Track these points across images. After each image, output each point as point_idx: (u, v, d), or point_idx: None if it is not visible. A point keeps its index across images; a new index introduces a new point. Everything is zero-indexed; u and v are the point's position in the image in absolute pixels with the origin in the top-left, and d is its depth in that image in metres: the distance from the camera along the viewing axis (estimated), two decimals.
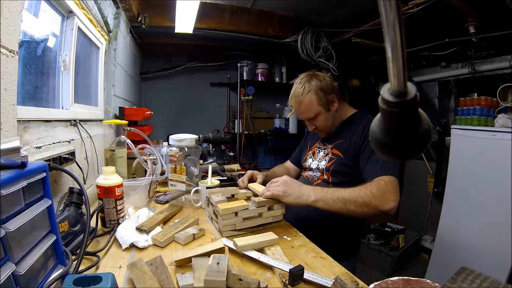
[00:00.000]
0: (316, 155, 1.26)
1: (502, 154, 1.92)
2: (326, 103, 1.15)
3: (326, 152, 1.22)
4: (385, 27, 0.25)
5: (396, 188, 0.95)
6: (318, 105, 1.15)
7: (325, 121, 1.18)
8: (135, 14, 1.98)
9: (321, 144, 1.28)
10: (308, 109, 1.16)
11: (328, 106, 1.16)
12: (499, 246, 1.88)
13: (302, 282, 0.61)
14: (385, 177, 0.96)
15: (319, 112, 1.16)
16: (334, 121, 1.21)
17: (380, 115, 0.34)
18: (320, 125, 1.20)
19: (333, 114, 1.19)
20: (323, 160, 1.21)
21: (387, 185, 0.94)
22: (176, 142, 1.24)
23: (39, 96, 1.01)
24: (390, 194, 0.93)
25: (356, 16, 2.27)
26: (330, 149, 1.20)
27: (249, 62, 3.02)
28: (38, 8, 0.95)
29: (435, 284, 0.45)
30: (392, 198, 0.92)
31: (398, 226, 2.88)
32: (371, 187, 0.94)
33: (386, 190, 0.93)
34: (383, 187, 0.93)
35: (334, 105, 1.18)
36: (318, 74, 1.19)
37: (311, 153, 1.30)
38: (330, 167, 1.16)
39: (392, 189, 0.94)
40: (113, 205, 0.86)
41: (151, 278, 0.57)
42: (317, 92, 1.14)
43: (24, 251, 0.45)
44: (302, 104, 1.16)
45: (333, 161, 1.17)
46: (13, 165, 0.43)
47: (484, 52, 2.26)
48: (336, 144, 1.19)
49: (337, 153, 1.16)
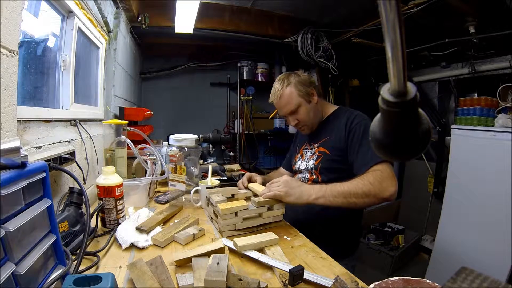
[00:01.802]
0: (304, 156, 1.27)
1: (502, 154, 1.92)
2: (306, 94, 1.17)
3: (313, 151, 1.22)
4: (385, 27, 0.25)
5: (391, 173, 0.96)
6: (298, 96, 1.16)
7: (307, 113, 1.19)
8: (135, 14, 1.98)
9: (307, 145, 1.28)
10: (289, 101, 1.17)
11: (308, 98, 1.18)
12: (499, 246, 1.88)
13: (302, 282, 0.61)
14: (379, 166, 0.97)
15: (300, 104, 1.17)
16: (316, 114, 1.21)
17: (380, 115, 0.34)
18: (302, 118, 1.19)
19: (314, 107, 1.20)
20: (311, 160, 1.21)
21: (382, 172, 0.96)
22: (176, 142, 1.24)
23: (39, 96, 1.01)
24: (387, 180, 0.94)
25: (356, 16, 2.27)
26: (317, 148, 1.21)
27: (249, 62, 3.02)
28: (38, 8, 0.95)
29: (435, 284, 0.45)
30: (391, 184, 0.94)
31: (398, 226, 2.87)
32: (368, 177, 0.96)
33: (382, 178, 0.94)
34: (379, 175, 0.95)
35: (314, 98, 1.19)
36: (295, 72, 1.23)
37: (299, 155, 1.31)
38: (318, 165, 1.17)
39: (388, 176, 0.95)
40: (113, 205, 0.86)
41: (151, 278, 0.57)
42: (296, 84, 1.17)
43: (24, 251, 0.45)
44: (282, 97, 1.18)
45: (320, 159, 1.17)
46: (13, 165, 0.43)
47: (484, 52, 2.26)
48: (322, 142, 1.19)
49: (324, 150, 1.17)
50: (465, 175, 2.19)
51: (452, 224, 2.24)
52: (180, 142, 1.23)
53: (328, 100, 3.05)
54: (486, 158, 2.05)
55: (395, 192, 0.94)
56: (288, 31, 2.59)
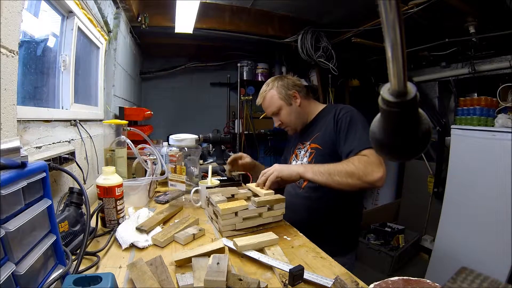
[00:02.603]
0: (299, 156, 1.29)
1: (502, 154, 1.92)
2: (286, 97, 1.24)
3: (306, 149, 1.24)
4: (385, 27, 0.25)
5: (378, 160, 0.96)
6: (278, 99, 1.24)
7: (288, 115, 1.25)
8: (135, 14, 1.98)
9: (300, 144, 1.30)
10: (271, 103, 1.26)
11: (289, 101, 1.24)
12: (499, 246, 1.88)
13: (302, 282, 0.61)
14: (366, 151, 0.99)
15: (281, 106, 1.25)
16: (299, 116, 1.27)
17: (380, 115, 0.34)
18: (284, 120, 1.27)
19: (296, 109, 1.25)
20: (305, 158, 1.23)
21: (369, 157, 0.97)
22: (176, 142, 1.24)
23: (39, 96, 1.01)
24: (373, 165, 0.94)
25: (356, 16, 2.27)
26: (309, 145, 1.23)
27: (249, 62, 3.02)
28: (38, 8, 0.95)
29: (435, 284, 0.45)
30: (377, 170, 0.94)
31: (398, 226, 2.87)
32: (353, 160, 0.99)
33: (368, 162, 0.95)
34: (365, 159, 0.96)
35: (297, 101, 1.25)
36: (283, 76, 1.31)
37: (294, 156, 1.32)
38: (311, 161, 1.18)
39: (374, 161, 0.95)
40: (113, 205, 0.86)
41: (151, 278, 0.57)
42: (278, 88, 1.25)
43: (24, 251, 0.45)
44: (265, 100, 1.28)
45: (313, 155, 1.19)
46: (13, 165, 0.43)
47: (484, 52, 2.26)
48: (313, 139, 1.22)
49: (316, 146, 1.19)
50: (465, 175, 2.19)
51: (452, 224, 2.24)
52: (180, 142, 1.24)
53: (328, 100, 3.05)
54: (486, 158, 2.05)
55: (381, 178, 0.94)
56: (288, 31, 2.59)
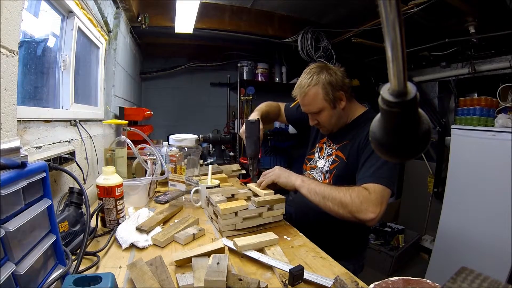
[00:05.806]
0: (323, 152, 1.20)
1: (502, 154, 1.92)
2: (333, 99, 1.06)
3: (331, 152, 1.16)
4: (385, 27, 0.25)
5: (380, 199, 0.87)
6: (323, 100, 1.06)
7: (329, 118, 1.09)
8: (135, 14, 1.98)
9: (328, 141, 1.20)
10: (312, 102, 1.08)
11: (334, 103, 1.07)
12: (499, 246, 1.88)
13: (302, 282, 0.61)
14: (372, 185, 0.90)
15: (324, 108, 1.07)
16: (339, 120, 1.12)
17: (380, 115, 0.34)
18: (323, 122, 1.11)
19: (338, 113, 1.10)
20: (327, 162, 1.16)
21: (370, 194, 0.88)
22: (176, 142, 1.24)
23: (39, 96, 1.01)
24: (370, 204, 0.86)
25: (355, 16, 2.27)
26: (335, 150, 1.14)
27: (249, 62, 3.02)
28: (38, 8, 0.95)
29: (435, 284, 0.45)
30: (372, 210, 0.86)
31: (398, 226, 2.88)
32: (352, 191, 0.90)
33: (366, 199, 0.87)
34: (365, 195, 0.88)
35: (342, 103, 1.08)
36: (330, 67, 1.10)
37: (318, 147, 1.23)
38: (333, 170, 1.12)
39: (374, 200, 0.87)
40: (113, 205, 0.86)
41: (151, 278, 0.57)
42: (325, 86, 1.05)
43: (24, 251, 0.45)
44: (306, 96, 1.08)
45: (336, 163, 1.12)
46: (13, 165, 0.43)
47: (484, 52, 2.26)
48: (341, 146, 1.12)
49: (341, 155, 1.11)
50: (465, 175, 2.19)
51: (452, 224, 2.24)
52: (180, 142, 1.24)
53: None
54: (486, 158, 2.05)
55: (372, 219, 0.87)
56: (288, 31, 2.59)
